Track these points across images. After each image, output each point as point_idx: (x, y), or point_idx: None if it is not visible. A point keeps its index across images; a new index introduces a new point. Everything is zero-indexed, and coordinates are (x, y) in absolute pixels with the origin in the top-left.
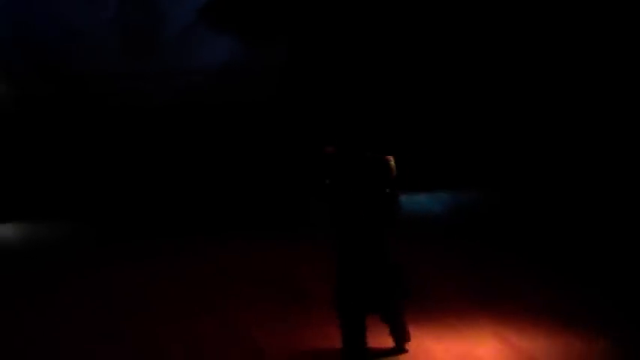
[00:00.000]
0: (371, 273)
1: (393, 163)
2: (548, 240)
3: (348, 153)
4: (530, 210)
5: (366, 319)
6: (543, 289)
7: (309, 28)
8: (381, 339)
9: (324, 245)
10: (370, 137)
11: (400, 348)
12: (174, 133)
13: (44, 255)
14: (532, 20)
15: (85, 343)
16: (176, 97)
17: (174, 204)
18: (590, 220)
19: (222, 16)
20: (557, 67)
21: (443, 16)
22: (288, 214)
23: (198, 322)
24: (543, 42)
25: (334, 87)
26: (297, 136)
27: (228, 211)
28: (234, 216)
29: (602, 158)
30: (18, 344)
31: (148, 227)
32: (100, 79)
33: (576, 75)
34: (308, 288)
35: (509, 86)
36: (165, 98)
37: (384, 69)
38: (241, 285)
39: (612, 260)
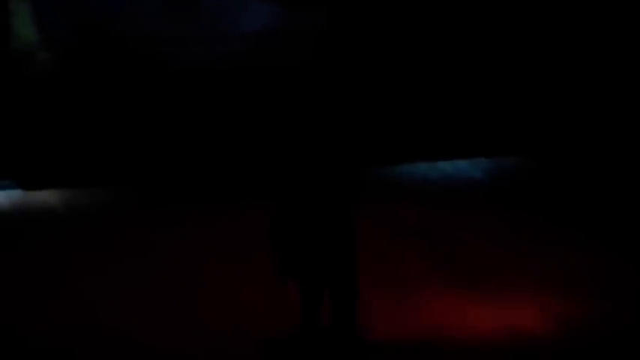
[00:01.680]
0: (321, 245)
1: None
2: (590, 206)
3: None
4: (572, 176)
5: (322, 290)
6: (587, 256)
7: None
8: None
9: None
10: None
11: (339, 331)
12: (214, 97)
13: (87, 220)
14: None
15: (124, 309)
16: (217, 61)
17: (214, 169)
18: (634, 186)
19: None
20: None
21: None
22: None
23: (240, 292)
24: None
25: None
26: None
27: (267, 177)
28: (271, 182)
29: None
30: (62, 305)
31: (187, 193)
32: (142, 42)
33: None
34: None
35: (551, 52)
36: (206, 63)
37: (421, 34)
38: None
39: None
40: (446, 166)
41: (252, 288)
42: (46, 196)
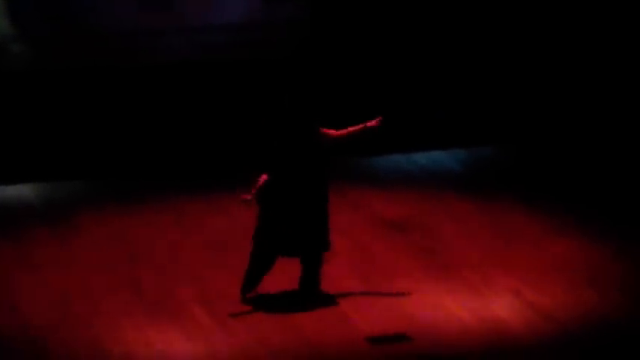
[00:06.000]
0: (297, 218)
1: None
2: (567, 195)
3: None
4: (549, 165)
5: (275, 260)
6: (562, 245)
7: None
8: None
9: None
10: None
11: (306, 295)
12: (192, 89)
13: (63, 212)
14: None
15: (105, 301)
16: (194, 53)
17: (193, 160)
18: (609, 174)
19: None
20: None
21: None
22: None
23: (219, 282)
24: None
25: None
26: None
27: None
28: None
29: (622, 111)
30: (38, 295)
31: (166, 184)
32: (118, 35)
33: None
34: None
35: (527, 39)
36: (183, 55)
37: (402, 24)
38: None
39: (632, 214)
40: (422, 158)
41: (224, 275)
42: (20, 190)
